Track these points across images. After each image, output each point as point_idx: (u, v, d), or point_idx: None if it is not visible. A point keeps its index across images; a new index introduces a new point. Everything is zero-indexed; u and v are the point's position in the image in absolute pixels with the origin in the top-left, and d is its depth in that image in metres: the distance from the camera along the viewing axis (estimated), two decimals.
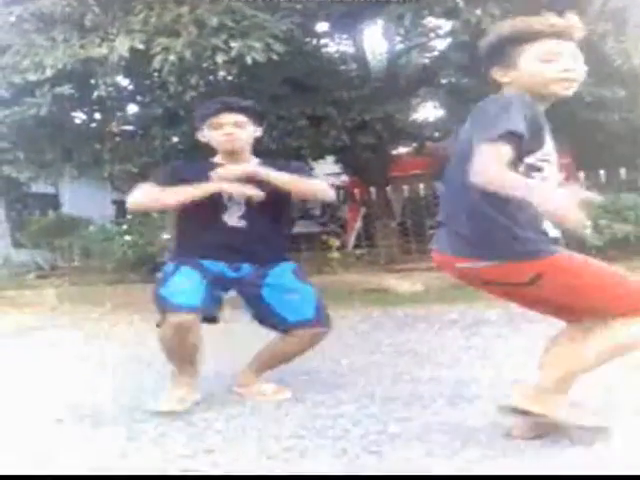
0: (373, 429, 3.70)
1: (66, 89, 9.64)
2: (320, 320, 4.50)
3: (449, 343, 6.18)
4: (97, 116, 12.83)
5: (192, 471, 3.26)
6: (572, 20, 3.21)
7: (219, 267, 4.45)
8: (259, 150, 4.80)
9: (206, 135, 4.65)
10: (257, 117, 4.70)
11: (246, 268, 4.52)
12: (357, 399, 4.35)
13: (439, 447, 3.34)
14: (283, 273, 4.60)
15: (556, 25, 3.17)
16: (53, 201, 19.36)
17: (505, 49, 3.26)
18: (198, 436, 3.79)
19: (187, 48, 8.52)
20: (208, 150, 4.76)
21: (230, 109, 4.55)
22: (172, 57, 8.54)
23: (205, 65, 9.10)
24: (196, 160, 5.48)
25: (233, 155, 4.59)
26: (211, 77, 9.99)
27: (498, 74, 3.30)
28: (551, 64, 3.15)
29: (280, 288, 4.50)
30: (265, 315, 4.54)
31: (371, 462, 3.24)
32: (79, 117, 12.83)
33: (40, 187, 15.96)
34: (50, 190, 18.71)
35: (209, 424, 3.97)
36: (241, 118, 4.54)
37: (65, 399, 4.79)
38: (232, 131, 4.51)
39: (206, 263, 4.40)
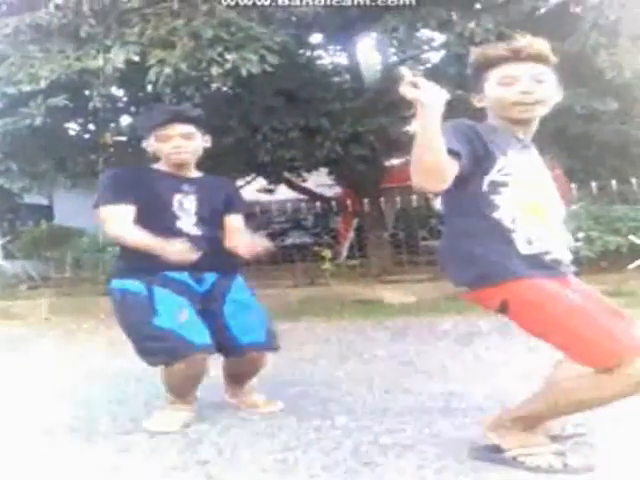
0: (365, 440, 3.72)
1: (60, 100, 9.63)
2: (270, 342, 4.46)
3: (441, 354, 6.19)
4: (91, 127, 12.82)
5: None
6: (526, 42, 3.20)
7: (183, 277, 4.24)
8: (251, 161, 4.77)
9: (153, 145, 4.42)
10: (205, 127, 4.52)
11: (209, 279, 4.37)
12: (349, 411, 4.36)
13: (431, 459, 3.36)
14: (241, 287, 4.52)
15: (511, 49, 3.18)
16: (46, 212, 19.32)
17: (474, 76, 3.32)
18: (191, 448, 3.79)
19: (183, 60, 8.52)
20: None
21: (178, 120, 4.34)
22: (167, 69, 8.54)
23: (200, 77, 9.09)
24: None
25: (180, 167, 4.42)
26: (205, 89, 9.97)
27: (475, 100, 3.34)
28: (509, 87, 3.17)
29: (240, 305, 4.39)
30: (219, 337, 4.24)
31: (364, 474, 3.25)
32: (73, 128, 12.84)
33: (33, 198, 15.92)
34: (43, 201, 18.69)
35: (202, 435, 3.98)
36: (189, 129, 4.35)
37: (57, 411, 4.79)
38: (180, 144, 4.32)
39: (171, 274, 4.18)
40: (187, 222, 4.32)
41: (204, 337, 4.05)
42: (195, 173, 4.54)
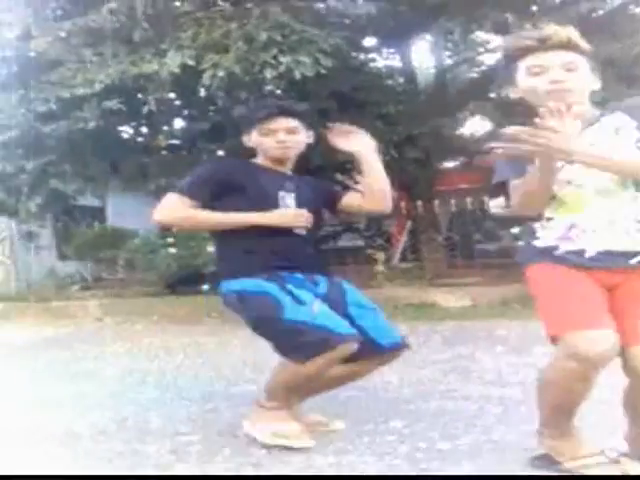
0: (421, 446, 3.67)
1: (114, 104, 9.69)
2: (405, 341, 4.15)
3: (497, 360, 6.11)
4: (144, 130, 12.91)
5: None
6: (552, 30, 3.12)
7: (299, 277, 3.98)
8: (305, 164, 4.66)
9: (255, 140, 4.21)
10: (310, 122, 4.34)
11: (322, 281, 4.10)
12: (404, 416, 4.32)
13: (488, 465, 3.32)
14: (353, 289, 4.23)
15: (538, 37, 3.11)
16: (99, 214, 19.49)
17: (507, 67, 3.28)
18: (244, 450, 3.77)
19: (236, 64, 8.53)
20: (249, 154, 4.39)
21: (283, 113, 4.16)
22: (221, 73, 8.55)
23: (253, 80, 9.09)
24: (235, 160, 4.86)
25: (280, 162, 4.22)
26: (259, 91, 9.98)
27: (510, 91, 3.28)
28: (539, 77, 3.10)
29: (363, 307, 4.09)
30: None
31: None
32: (126, 131, 12.94)
33: (87, 200, 16.04)
34: (96, 203, 18.82)
35: (254, 438, 3.95)
36: (294, 123, 4.16)
37: (109, 411, 4.81)
38: (285, 139, 4.13)
39: (286, 274, 3.94)
40: None
41: (345, 326, 3.77)
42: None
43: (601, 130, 3.14)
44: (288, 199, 4.12)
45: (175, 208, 4.08)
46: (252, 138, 4.22)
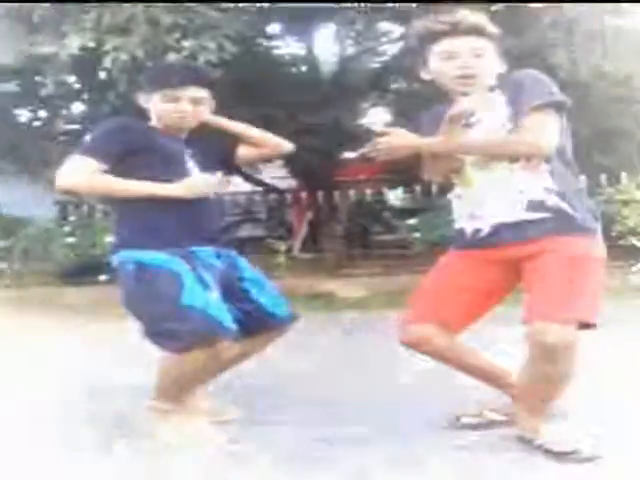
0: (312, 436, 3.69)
1: (12, 86, 9.47)
2: (295, 313, 4.15)
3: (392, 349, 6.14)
4: (42, 114, 12.66)
5: None
6: (462, 15, 3.28)
7: (208, 252, 3.80)
8: None
9: (154, 104, 3.86)
10: (215, 91, 4.01)
11: (223, 254, 3.92)
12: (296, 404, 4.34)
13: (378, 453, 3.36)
14: (247, 263, 4.11)
15: (449, 22, 3.27)
16: None
17: (418, 49, 3.44)
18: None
19: (139, 47, 8.40)
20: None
21: (196, 82, 3.86)
22: (124, 56, 8.41)
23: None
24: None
25: (178, 130, 3.91)
26: None
27: (422, 73, 3.47)
28: (449, 62, 3.27)
29: (258, 281, 4.02)
30: (249, 314, 3.85)
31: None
32: (24, 114, 12.65)
33: None
34: None
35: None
36: (202, 94, 3.88)
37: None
38: (188, 109, 3.82)
39: (195, 249, 3.74)
40: None
41: (230, 321, 3.57)
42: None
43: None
44: (190, 163, 3.89)
45: (81, 172, 3.64)
46: (151, 100, 3.87)
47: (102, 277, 11.11)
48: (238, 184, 16.20)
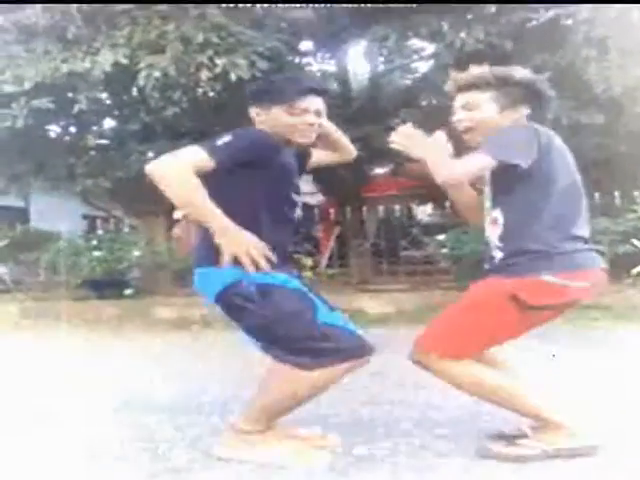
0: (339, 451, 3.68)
1: (44, 102, 9.51)
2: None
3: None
4: (72, 130, 12.73)
5: None
6: (460, 76, 3.69)
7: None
8: None
9: (275, 117, 3.60)
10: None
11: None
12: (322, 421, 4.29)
13: (405, 469, 3.39)
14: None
15: (454, 82, 3.68)
16: (21, 215, 19.14)
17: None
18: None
19: (172, 64, 8.46)
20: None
21: (314, 92, 3.65)
22: (157, 73, 8.47)
23: (188, 81, 9.03)
24: None
25: (299, 143, 3.68)
26: (192, 93, 9.89)
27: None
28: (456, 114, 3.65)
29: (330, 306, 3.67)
30: None
31: None
32: (54, 130, 12.72)
33: (8, 200, 15.73)
34: (19, 204, 18.50)
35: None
36: (322, 105, 3.68)
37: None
38: (314, 121, 3.63)
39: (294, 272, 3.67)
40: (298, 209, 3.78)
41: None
42: None
43: None
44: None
45: (190, 169, 3.23)
46: (271, 113, 3.61)
47: (127, 291, 11.20)
48: None
